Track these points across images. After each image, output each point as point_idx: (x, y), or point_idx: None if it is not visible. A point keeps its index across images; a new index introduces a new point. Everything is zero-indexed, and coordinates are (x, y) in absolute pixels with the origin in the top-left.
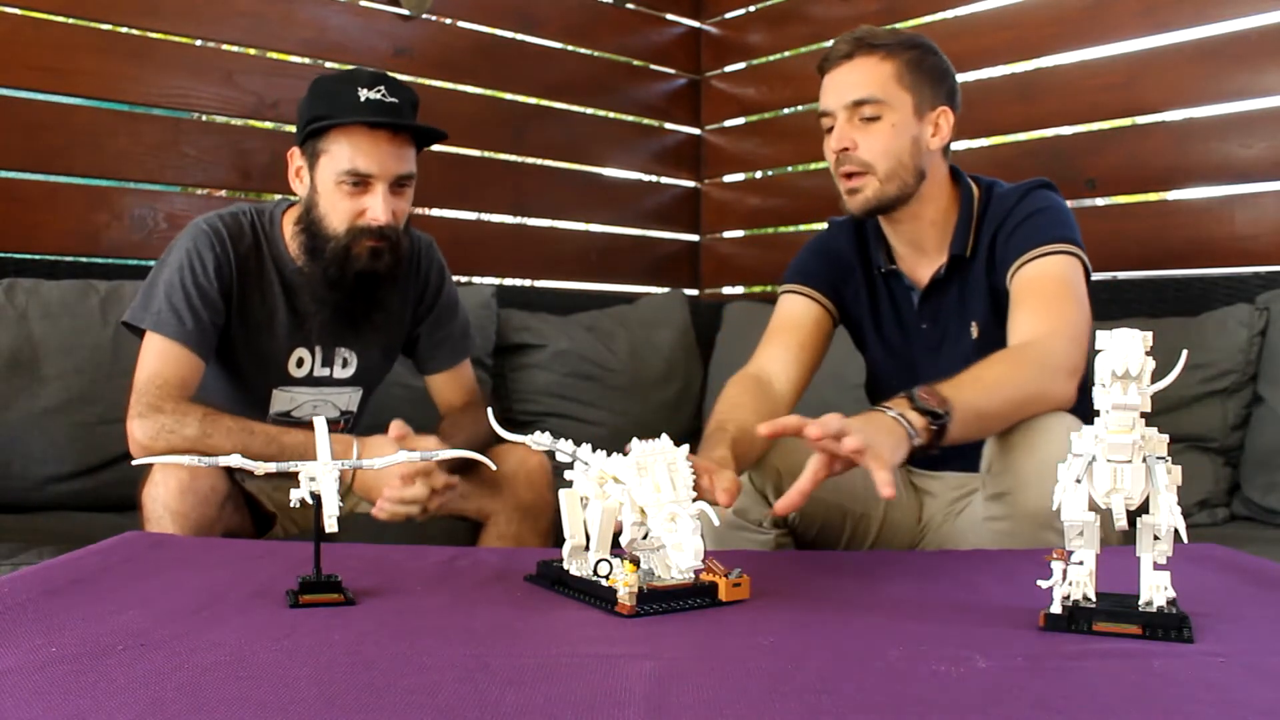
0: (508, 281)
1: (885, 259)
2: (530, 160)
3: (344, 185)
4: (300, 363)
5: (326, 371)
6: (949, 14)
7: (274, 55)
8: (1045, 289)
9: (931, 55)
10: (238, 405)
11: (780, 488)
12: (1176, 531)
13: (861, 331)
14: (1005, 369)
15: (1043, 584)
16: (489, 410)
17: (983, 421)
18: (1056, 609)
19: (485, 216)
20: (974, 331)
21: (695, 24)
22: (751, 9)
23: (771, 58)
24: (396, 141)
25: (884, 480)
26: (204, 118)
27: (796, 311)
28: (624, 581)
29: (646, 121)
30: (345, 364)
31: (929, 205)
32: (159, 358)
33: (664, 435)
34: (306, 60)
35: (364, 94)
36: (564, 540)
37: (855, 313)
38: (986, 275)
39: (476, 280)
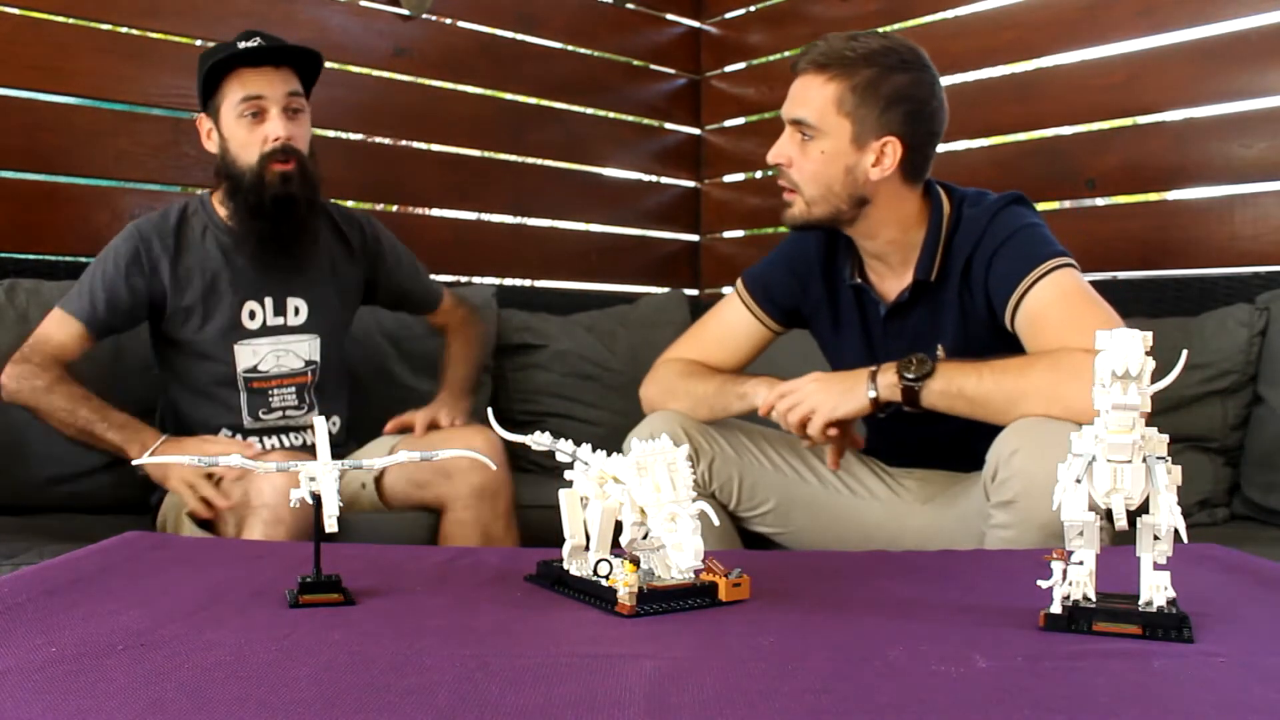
0: (508, 281)
1: (853, 273)
2: (530, 160)
3: (244, 118)
4: (253, 315)
5: (280, 321)
6: (949, 14)
7: None
8: (1059, 309)
9: (896, 75)
10: (205, 370)
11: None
12: (1176, 531)
13: (822, 341)
14: (1022, 361)
15: (1043, 584)
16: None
17: (969, 400)
18: (1056, 609)
19: (485, 216)
20: (940, 354)
21: (695, 24)
22: (751, 9)
23: (771, 58)
24: (280, 72)
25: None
26: None
27: (739, 327)
28: (624, 581)
29: (646, 121)
30: (297, 312)
31: (884, 227)
32: (50, 323)
33: (664, 435)
34: None
35: (242, 45)
36: (563, 539)
37: (814, 325)
38: (959, 298)
39: (476, 280)
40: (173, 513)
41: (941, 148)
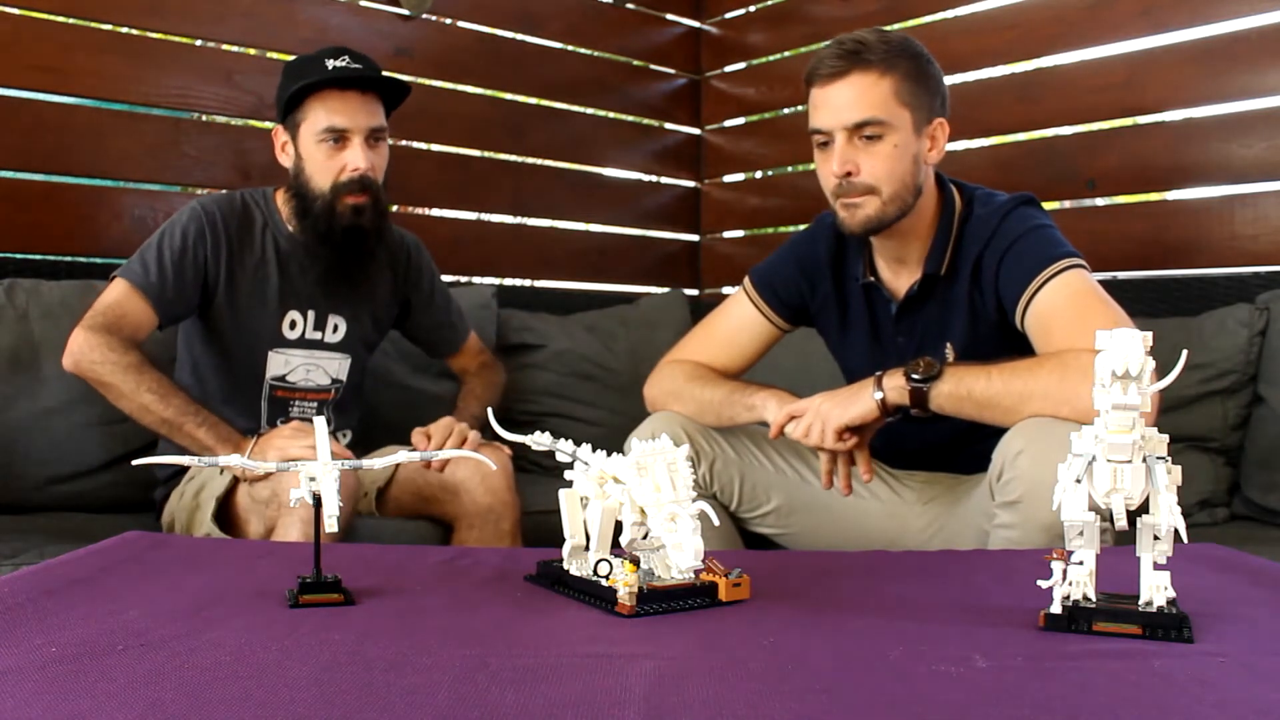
0: (508, 281)
1: (865, 270)
2: (530, 160)
3: (324, 144)
4: (293, 325)
5: (318, 335)
6: (949, 14)
7: (274, 55)
8: (1069, 310)
9: (926, 63)
10: (233, 369)
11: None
12: (1176, 531)
13: (829, 340)
14: (1030, 363)
15: (1043, 584)
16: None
17: (977, 402)
18: (1056, 609)
19: (485, 216)
20: (949, 353)
21: (695, 24)
22: (751, 9)
23: (771, 58)
24: (366, 99)
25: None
26: (204, 118)
27: (746, 325)
28: (624, 581)
29: (646, 121)
30: (335, 330)
31: (916, 219)
32: (120, 294)
33: (664, 435)
34: None
35: (331, 64)
36: (563, 540)
37: (821, 323)
38: (969, 297)
39: (476, 280)
40: (184, 514)
41: None
